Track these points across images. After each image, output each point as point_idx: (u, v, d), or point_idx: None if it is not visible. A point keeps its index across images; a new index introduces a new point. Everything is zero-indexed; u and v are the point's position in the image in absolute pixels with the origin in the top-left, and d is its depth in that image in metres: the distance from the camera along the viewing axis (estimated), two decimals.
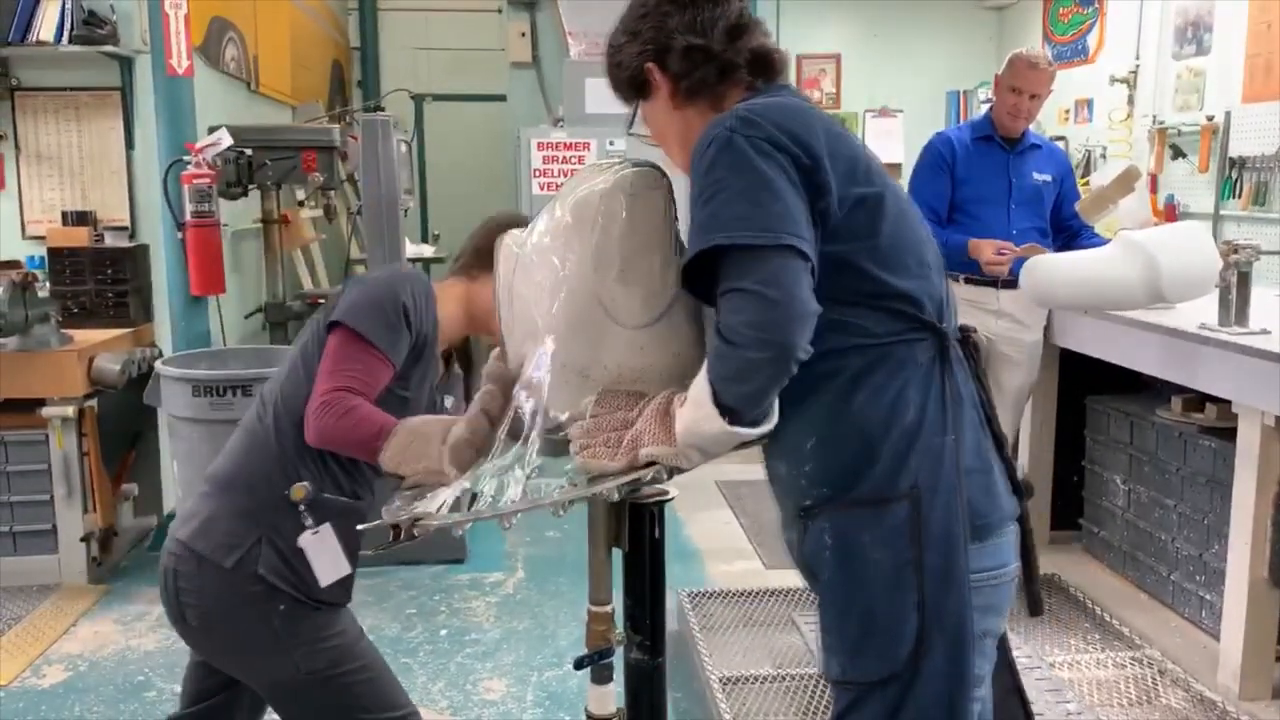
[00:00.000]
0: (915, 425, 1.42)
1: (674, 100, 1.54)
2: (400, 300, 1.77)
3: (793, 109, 1.41)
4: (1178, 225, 4.18)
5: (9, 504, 3.85)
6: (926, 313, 1.44)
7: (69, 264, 4.23)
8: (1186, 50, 5.26)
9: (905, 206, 1.48)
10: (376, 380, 1.74)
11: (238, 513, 1.79)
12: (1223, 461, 3.20)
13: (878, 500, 1.43)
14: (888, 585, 1.43)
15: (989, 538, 1.47)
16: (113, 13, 4.44)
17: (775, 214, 1.31)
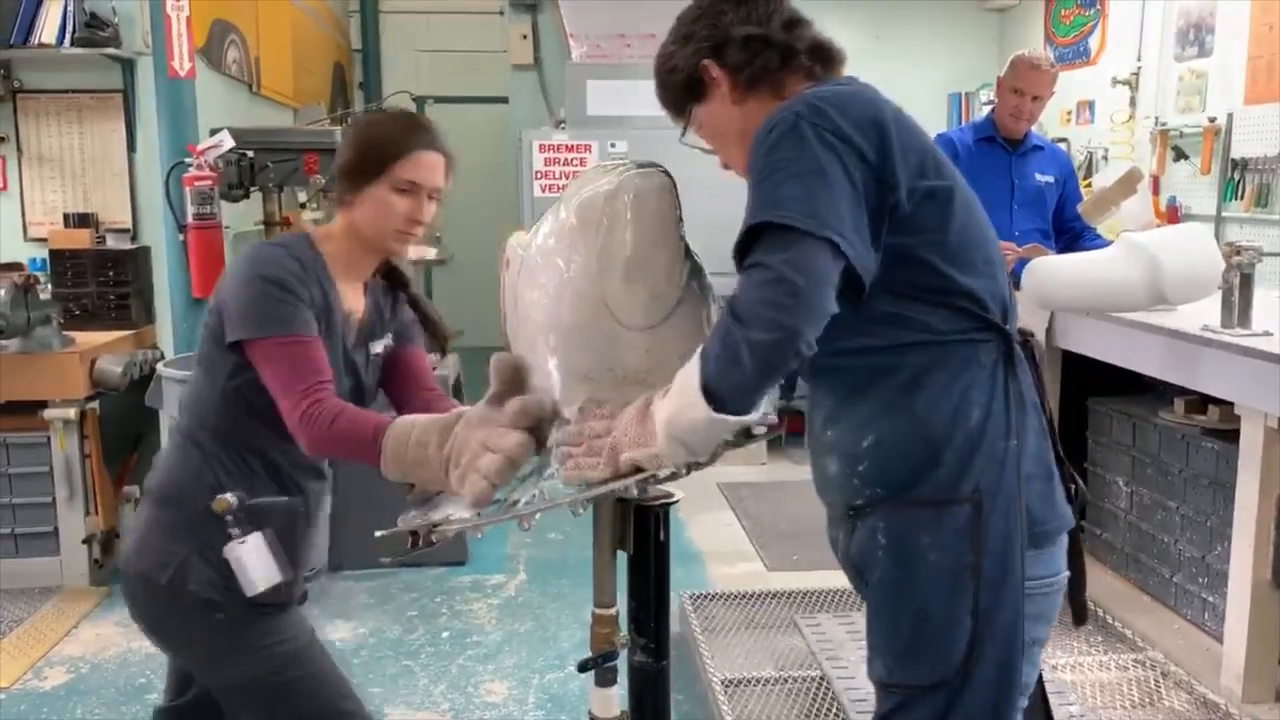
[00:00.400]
0: (980, 428, 1.40)
1: (734, 94, 1.51)
2: (274, 279, 1.68)
3: (864, 97, 1.40)
4: (1180, 227, 4.18)
5: (10, 506, 3.85)
6: (991, 312, 1.42)
7: (71, 266, 4.23)
8: (1188, 52, 5.25)
9: (973, 203, 1.46)
10: (319, 360, 1.67)
11: (169, 527, 1.76)
12: (1225, 463, 3.19)
13: (939, 502, 1.41)
14: (945, 588, 1.41)
15: (1045, 545, 1.46)
16: (114, 15, 4.44)
17: (824, 206, 1.28)
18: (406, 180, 1.76)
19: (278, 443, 1.72)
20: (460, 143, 6.75)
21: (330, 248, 1.80)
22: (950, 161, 1.46)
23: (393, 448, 1.55)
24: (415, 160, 1.77)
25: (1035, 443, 1.46)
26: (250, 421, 1.73)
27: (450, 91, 8.58)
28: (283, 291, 1.68)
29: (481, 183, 8.42)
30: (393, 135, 1.77)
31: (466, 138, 9.00)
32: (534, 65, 6.90)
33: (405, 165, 1.75)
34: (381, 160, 1.75)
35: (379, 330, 1.90)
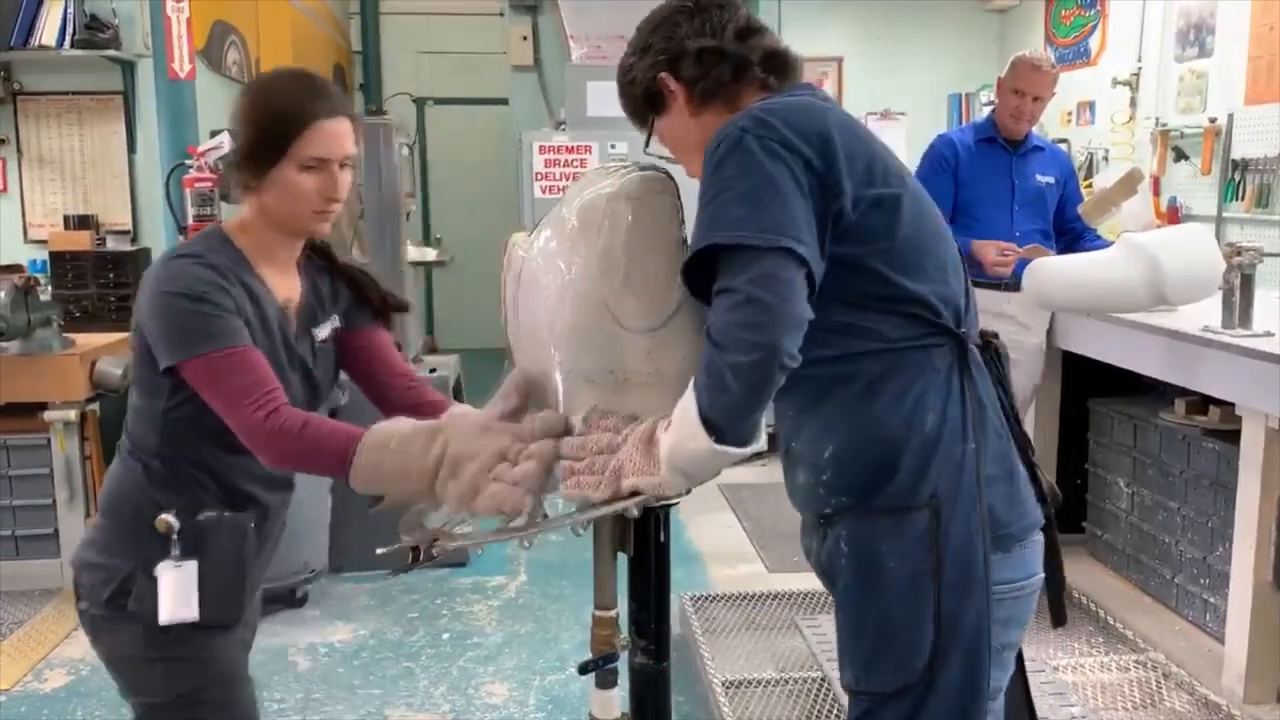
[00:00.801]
0: (935, 433, 1.40)
1: (690, 107, 1.52)
2: (187, 293, 1.54)
3: (808, 108, 1.40)
4: (1181, 227, 4.18)
5: (11, 508, 3.85)
6: (943, 317, 1.42)
7: (71, 267, 4.23)
8: (1189, 52, 5.25)
9: (925, 207, 1.45)
10: (260, 369, 1.55)
11: (113, 543, 1.67)
12: (1226, 464, 3.19)
13: (897, 509, 1.41)
14: (904, 595, 1.41)
15: (1013, 548, 1.45)
16: (115, 17, 4.45)
17: (776, 216, 1.29)
18: (312, 157, 1.60)
19: (227, 458, 1.62)
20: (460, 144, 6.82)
21: (247, 239, 1.67)
22: (902, 168, 1.46)
23: (370, 459, 1.45)
24: (318, 132, 1.60)
25: (996, 444, 1.45)
26: (196, 441, 1.62)
27: (450, 93, 8.58)
28: (199, 304, 1.54)
29: (482, 184, 8.46)
30: (288, 107, 1.60)
31: (467, 139, 9.10)
32: (534, 66, 6.90)
33: (308, 140, 1.59)
34: (281, 138, 1.59)
35: (321, 314, 1.77)
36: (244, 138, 1.62)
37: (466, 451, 1.41)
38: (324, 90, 1.65)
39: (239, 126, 1.63)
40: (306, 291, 1.75)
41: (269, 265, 1.68)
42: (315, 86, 1.65)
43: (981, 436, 1.42)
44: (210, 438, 1.59)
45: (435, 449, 1.42)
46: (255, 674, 3.32)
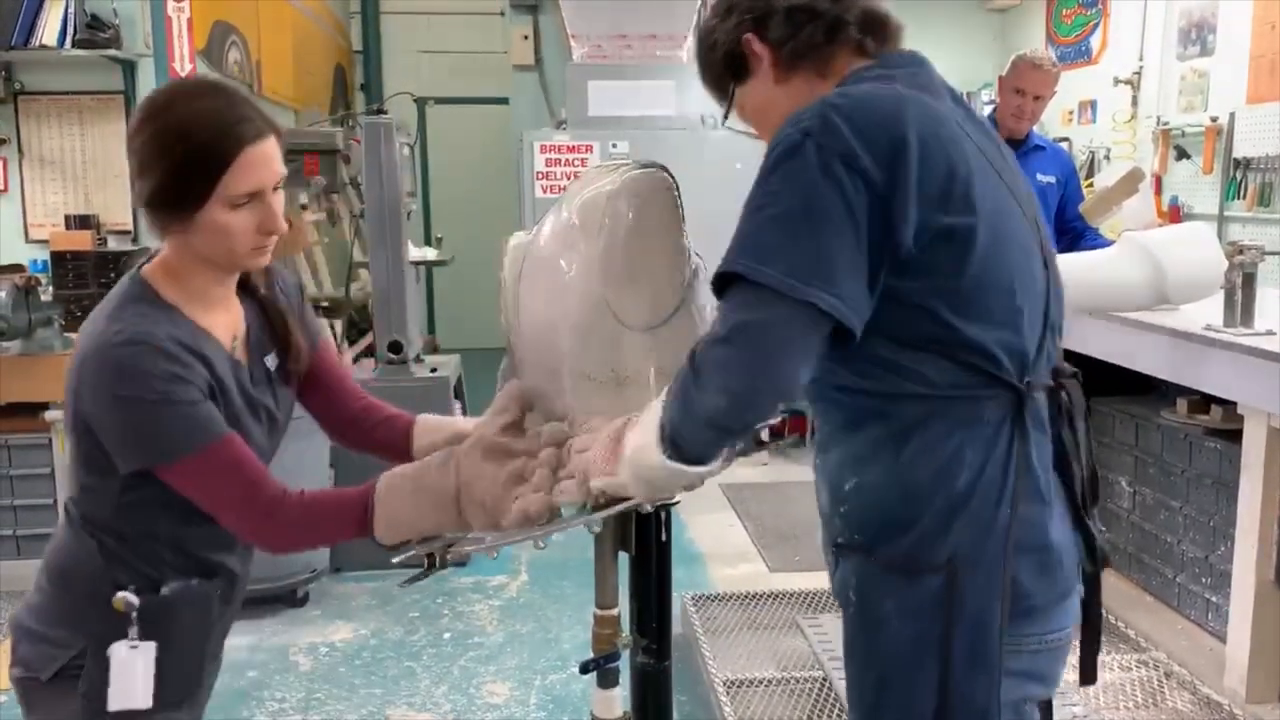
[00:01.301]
0: (966, 492, 1.26)
1: (776, 71, 1.39)
2: (152, 396, 1.34)
3: (888, 108, 1.22)
4: (1182, 226, 4.17)
5: (12, 508, 3.85)
6: (1002, 368, 1.26)
7: (72, 267, 4.23)
8: (1190, 51, 5.25)
9: (1005, 234, 1.27)
10: (245, 461, 1.40)
11: (62, 616, 1.49)
12: (1228, 463, 3.18)
13: (909, 568, 1.29)
14: (905, 662, 1.31)
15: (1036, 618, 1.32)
16: (115, 17, 4.45)
17: (811, 257, 1.16)
18: (243, 194, 1.38)
19: (192, 530, 1.47)
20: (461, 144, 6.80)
21: (175, 288, 1.44)
22: (997, 184, 1.29)
23: (387, 506, 1.39)
24: (246, 163, 1.37)
25: (1038, 510, 1.30)
26: (157, 515, 1.44)
27: (451, 92, 8.58)
28: (164, 407, 1.35)
29: (482, 184, 8.46)
30: (206, 138, 1.36)
31: (467, 139, 9.09)
32: (535, 66, 6.90)
33: (236, 175, 1.37)
34: (204, 178, 1.36)
35: (268, 340, 1.58)
36: (155, 180, 1.37)
37: (481, 473, 1.38)
38: (243, 107, 1.41)
39: (146, 164, 1.38)
40: (249, 316, 1.56)
41: (206, 309, 1.47)
42: (232, 104, 1.40)
43: (1022, 501, 1.28)
44: (173, 510, 1.43)
45: (451, 478, 1.39)
46: (257, 673, 3.33)
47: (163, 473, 1.38)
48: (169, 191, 1.37)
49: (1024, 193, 1.36)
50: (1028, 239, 1.32)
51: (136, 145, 1.39)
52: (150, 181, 1.38)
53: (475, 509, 1.38)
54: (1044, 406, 1.33)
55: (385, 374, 4.13)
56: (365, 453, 1.70)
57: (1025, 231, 1.31)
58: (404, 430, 1.65)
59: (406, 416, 1.67)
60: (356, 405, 1.69)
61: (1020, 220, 1.31)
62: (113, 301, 1.43)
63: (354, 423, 1.69)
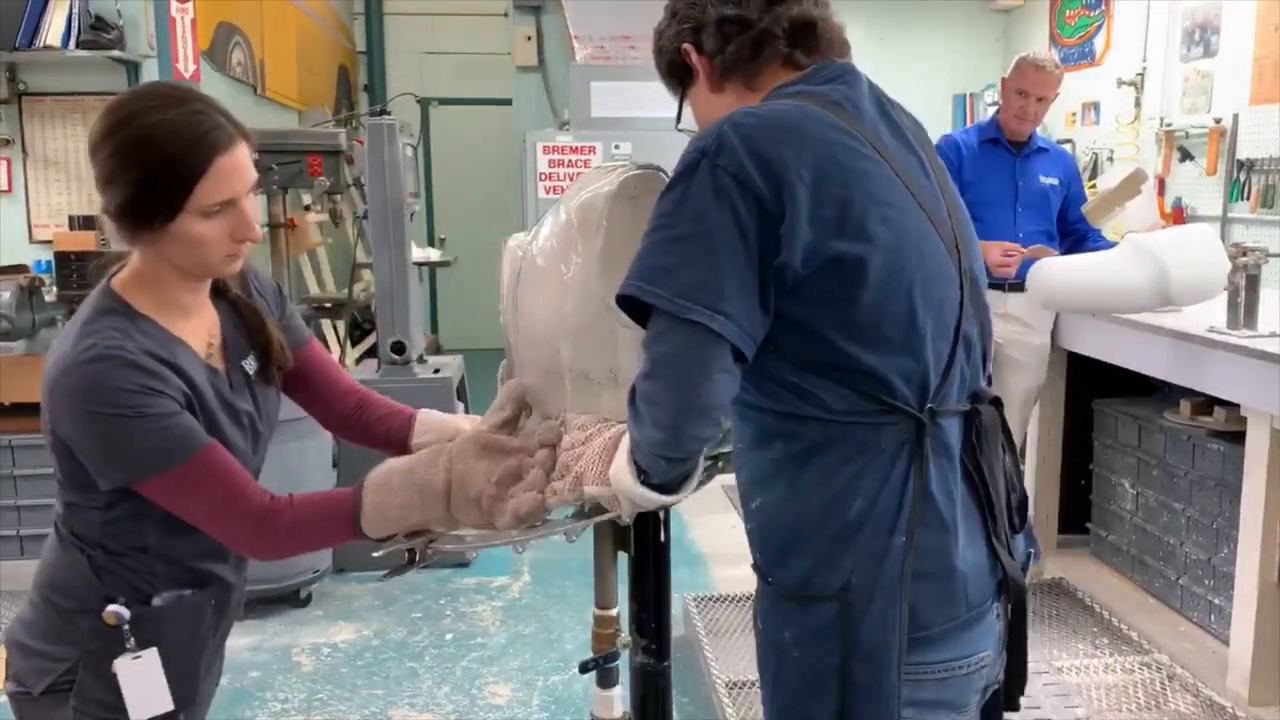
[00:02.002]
0: (858, 521, 1.24)
1: (711, 82, 1.39)
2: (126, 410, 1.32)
3: (788, 130, 1.21)
4: (1185, 228, 4.17)
5: (15, 508, 3.86)
6: (899, 395, 1.24)
7: (76, 268, 4.22)
8: (1194, 52, 5.25)
9: (907, 261, 1.23)
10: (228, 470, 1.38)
11: (53, 631, 1.46)
12: (1231, 465, 3.18)
13: (802, 596, 1.28)
14: (804, 690, 1.29)
15: (932, 647, 1.28)
16: (119, 17, 4.45)
17: (701, 276, 1.16)
18: (215, 203, 1.36)
19: (180, 541, 1.45)
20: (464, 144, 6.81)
21: (147, 298, 1.43)
22: (910, 209, 1.26)
23: (375, 500, 1.38)
24: (217, 173, 1.35)
25: (937, 539, 1.26)
26: (144, 528, 1.43)
27: (454, 93, 8.60)
28: (139, 421, 1.32)
29: (485, 184, 8.47)
30: (175, 151, 1.33)
31: (470, 139, 9.11)
32: (538, 67, 6.91)
33: (207, 186, 1.34)
34: (174, 190, 1.33)
35: (245, 342, 1.56)
36: (124, 192, 1.35)
37: (474, 469, 1.38)
38: (212, 115, 1.37)
39: (113, 175, 1.35)
40: (224, 320, 1.53)
41: (178, 317, 1.45)
42: (201, 113, 1.37)
43: (919, 529, 1.25)
44: (161, 522, 1.42)
45: (441, 474, 1.38)
46: (259, 673, 3.34)
47: (143, 488, 1.36)
48: (139, 203, 1.35)
49: (944, 212, 1.33)
50: (941, 263, 1.28)
51: (102, 156, 1.36)
52: (118, 193, 1.35)
53: (467, 506, 1.37)
54: (952, 432, 1.29)
55: (388, 374, 4.14)
56: (366, 447, 1.70)
57: (938, 256, 1.28)
58: (404, 425, 1.65)
59: (407, 411, 1.67)
60: (351, 400, 1.68)
61: (934, 243, 1.28)
62: (82, 316, 1.41)
63: (350, 418, 1.68)
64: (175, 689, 1.46)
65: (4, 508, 3.86)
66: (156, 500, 1.38)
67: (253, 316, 1.56)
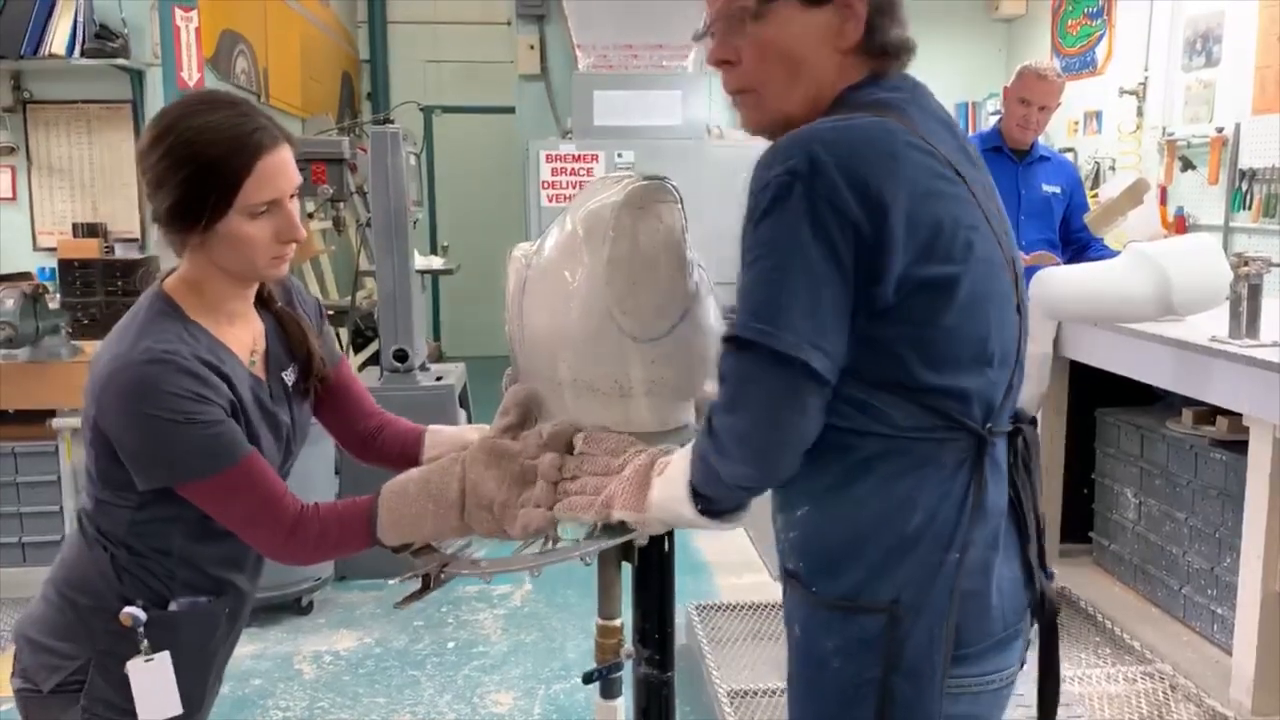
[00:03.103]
0: (917, 534, 1.24)
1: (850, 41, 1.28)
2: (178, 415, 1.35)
3: (880, 152, 1.17)
4: (1188, 237, 4.17)
5: (18, 515, 3.86)
6: (967, 413, 1.24)
7: (79, 275, 4.24)
8: (1196, 62, 5.25)
9: (986, 284, 1.24)
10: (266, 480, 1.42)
11: (66, 629, 1.48)
12: (1234, 474, 3.18)
13: (850, 606, 1.26)
14: (844, 700, 1.28)
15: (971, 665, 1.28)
16: (124, 26, 4.47)
17: (805, 313, 1.15)
18: (261, 203, 1.40)
19: (204, 548, 1.48)
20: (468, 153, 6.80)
21: (197, 302, 1.46)
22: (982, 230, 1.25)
23: (391, 508, 1.42)
24: (263, 173, 1.39)
25: (983, 555, 1.26)
26: (171, 532, 1.46)
27: (457, 101, 8.61)
28: (190, 426, 1.36)
29: (488, 193, 8.48)
30: (222, 151, 1.37)
31: (473, 148, 9.12)
32: (541, 75, 6.93)
33: (253, 185, 1.39)
34: (221, 190, 1.38)
35: (285, 355, 1.59)
36: (173, 195, 1.38)
37: (485, 477, 1.40)
38: (256, 117, 1.42)
39: (162, 180, 1.39)
40: (268, 331, 1.58)
41: (227, 323, 1.50)
42: (245, 115, 1.41)
43: (971, 546, 1.24)
44: (188, 527, 1.46)
45: (455, 482, 1.41)
46: (261, 681, 3.33)
47: (185, 490, 1.40)
48: (187, 205, 1.38)
49: (1003, 229, 1.32)
50: (1006, 285, 1.29)
51: (151, 162, 1.40)
52: (167, 197, 1.39)
53: (480, 513, 1.40)
54: (1002, 451, 1.30)
55: (390, 382, 4.14)
56: (375, 465, 1.72)
57: (1004, 277, 1.29)
58: (415, 442, 1.68)
59: (418, 429, 1.70)
60: (372, 423, 1.71)
61: (1001, 266, 1.28)
62: (138, 318, 1.44)
63: (369, 440, 1.71)
64: (184, 694, 1.48)
65: (6, 515, 3.86)
66: (196, 502, 1.41)
67: (295, 329, 1.59)
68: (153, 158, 1.39)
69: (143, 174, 1.42)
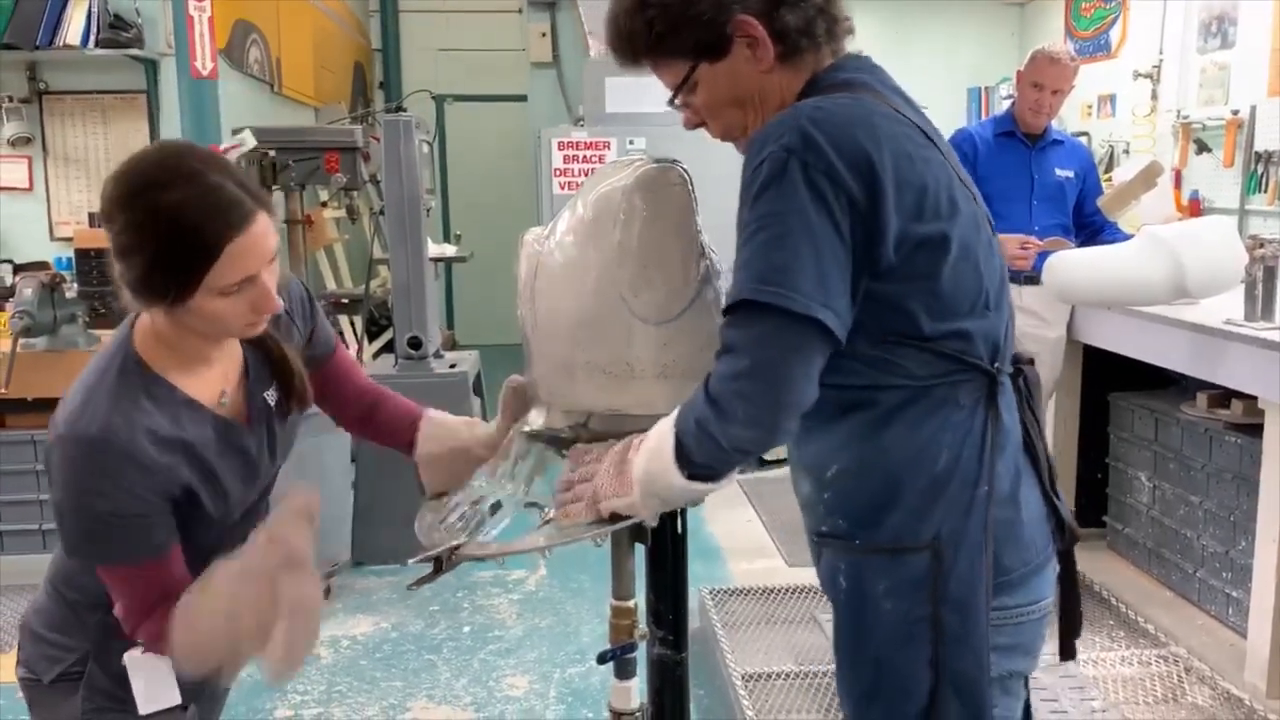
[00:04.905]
0: (947, 473, 1.31)
1: (766, 61, 1.33)
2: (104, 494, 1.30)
3: (863, 124, 1.23)
4: (1202, 220, 4.15)
5: (37, 502, 3.90)
6: (977, 354, 1.31)
7: (96, 265, 4.26)
8: (1211, 44, 5.22)
9: (974, 237, 1.31)
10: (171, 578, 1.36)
11: (64, 623, 1.49)
12: (1249, 457, 3.17)
13: (895, 549, 1.33)
14: (899, 639, 1.34)
15: (1012, 591, 1.35)
16: (138, 16, 4.49)
17: (811, 271, 1.19)
18: (232, 284, 1.31)
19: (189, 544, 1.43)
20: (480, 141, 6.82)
21: (164, 354, 1.41)
22: (958, 187, 1.31)
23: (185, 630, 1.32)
24: (233, 255, 1.29)
25: (1009, 485, 1.34)
26: None
27: (469, 90, 8.61)
28: (120, 519, 1.31)
29: (501, 181, 8.49)
30: (188, 233, 1.27)
31: (486, 136, 9.13)
32: (553, 63, 6.93)
33: (221, 269, 1.29)
34: (188, 274, 1.29)
35: (268, 375, 1.54)
36: (137, 269, 1.30)
37: None
38: (227, 189, 1.30)
39: (125, 251, 1.30)
40: (248, 351, 1.52)
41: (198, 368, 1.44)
42: (216, 188, 1.29)
43: (996, 479, 1.32)
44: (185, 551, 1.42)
45: None
46: None
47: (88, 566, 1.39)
48: (152, 282, 1.31)
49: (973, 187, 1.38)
50: (987, 235, 1.35)
51: (116, 228, 1.31)
52: (132, 269, 1.31)
53: None
54: (1009, 390, 1.38)
55: (405, 370, 4.16)
56: (373, 442, 1.74)
57: (985, 227, 1.35)
58: (411, 426, 1.67)
59: (415, 412, 1.69)
60: (366, 402, 1.71)
61: (980, 218, 1.34)
62: (96, 374, 1.39)
63: (364, 419, 1.72)
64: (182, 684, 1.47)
65: (26, 502, 3.90)
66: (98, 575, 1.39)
67: (278, 352, 1.53)
68: (117, 224, 1.31)
69: (107, 233, 1.33)
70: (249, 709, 3.03)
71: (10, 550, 3.92)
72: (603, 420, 1.48)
